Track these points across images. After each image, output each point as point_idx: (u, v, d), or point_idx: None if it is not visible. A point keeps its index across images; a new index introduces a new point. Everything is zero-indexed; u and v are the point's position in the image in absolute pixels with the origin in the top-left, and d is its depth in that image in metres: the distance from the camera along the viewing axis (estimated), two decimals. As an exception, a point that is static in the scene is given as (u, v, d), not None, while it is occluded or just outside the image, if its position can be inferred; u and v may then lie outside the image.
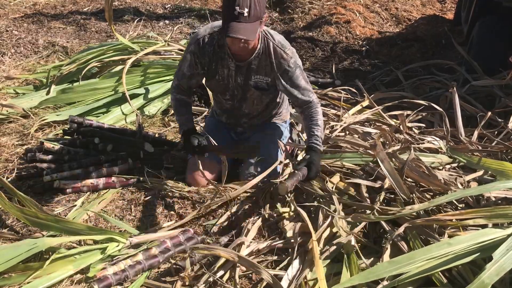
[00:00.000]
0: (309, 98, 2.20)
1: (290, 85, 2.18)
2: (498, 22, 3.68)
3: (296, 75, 2.17)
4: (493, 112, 2.83)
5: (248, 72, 2.19)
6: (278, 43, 2.14)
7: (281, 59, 2.13)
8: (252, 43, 2.03)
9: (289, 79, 2.17)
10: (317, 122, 2.17)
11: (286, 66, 2.14)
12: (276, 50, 2.13)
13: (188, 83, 2.31)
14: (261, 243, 1.83)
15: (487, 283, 1.40)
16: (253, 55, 2.12)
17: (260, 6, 1.89)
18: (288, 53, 2.14)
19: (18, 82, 3.63)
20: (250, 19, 1.86)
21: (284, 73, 2.16)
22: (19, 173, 2.36)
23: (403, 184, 1.90)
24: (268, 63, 2.15)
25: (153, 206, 2.15)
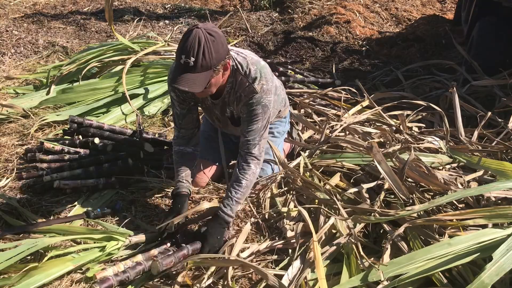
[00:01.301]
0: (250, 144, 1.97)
1: (245, 119, 1.98)
2: (498, 22, 3.68)
3: (255, 112, 1.95)
4: (493, 112, 2.83)
5: (223, 105, 2.08)
6: (248, 76, 1.94)
7: (246, 91, 1.95)
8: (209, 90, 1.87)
9: (246, 112, 1.97)
10: (239, 184, 1.93)
11: (249, 100, 1.95)
12: (242, 83, 1.95)
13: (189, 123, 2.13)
14: (261, 243, 1.83)
15: (487, 283, 1.40)
16: (225, 91, 2.00)
17: (211, 55, 1.73)
18: (255, 88, 1.93)
19: (18, 82, 3.63)
20: (197, 69, 1.72)
21: (244, 105, 1.97)
22: (19, 173, 2.36)
23: (402, 185, 1.90)
24: (237, 96, 2.00)
25: (153, 206, 2.15)
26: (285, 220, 1.93)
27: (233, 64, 1.94)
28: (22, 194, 2.22)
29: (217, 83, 1.88)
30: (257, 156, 1.98)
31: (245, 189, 1.94)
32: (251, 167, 1.97)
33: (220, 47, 1.76)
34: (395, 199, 1.92)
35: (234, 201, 1.91)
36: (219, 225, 1.87)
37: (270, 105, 1.98)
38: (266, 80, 1.96)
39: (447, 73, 3.86)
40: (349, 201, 1.99)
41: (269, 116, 1.99)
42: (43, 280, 1.65)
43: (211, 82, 1.81)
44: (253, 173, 1.97)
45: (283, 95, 2.43)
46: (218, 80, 1.86)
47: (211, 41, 1.72)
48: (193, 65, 1.72)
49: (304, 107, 3.07)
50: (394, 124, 2.76)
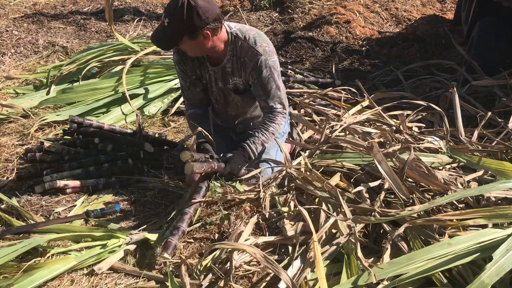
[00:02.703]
0: (272, 104, 2.12)
1: (257, 84, 2.08)
2: (498, 22, 3.68)
3: (264, 75, 2.06)
4: (493, 112, 2.83)
5: (225, 75, 2.14)
6: (248, 40, 2.05)
7: (250, 55, 2.05)
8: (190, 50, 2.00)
9: (256, 77, 2.06)
10: (267, 128, 2.13)
11: (257, 64, 2.04)
12: (243, 47, 2.05)
13: (195, 95, 2.24)
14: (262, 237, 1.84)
15: (487, 283, 1.40)
16: (225, 58, 2.08)
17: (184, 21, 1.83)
18: (258, 50, 2.04)
19: (18, 82, 3.63)
20: (169, 30, 1.87)
21: (253, 70, 2.06)
22: (19, 173, 2.36)
23: (402, 185, 1.90)
24: (241, 63, 2.08)
25: (153, 206, 2.15)
26: (285, 219, 1.93)
27: (230, 32, 2.05)
28: (22, 194, 2.22)
29: (198, 47, 1.97)
30: (281, 111, 2.16)
31: (270, 134, 2.14)
32: (278, 118, 2.16)
33: (196, 17, 1.85)
34: (395, 199, 1.92)
35: (260, 141, 2.11)
36: (242, 156, 2.07)
37: (276, 65, 2.10)
38: (266, 42, 2.08)
39: (447, 73, 3.86)
40: (348, 200, 1.99)
41: (278, 74, 2.11)
42: (45, 277, 1.65)
43: (188, 44, 1.94)
44: (279, 123, 2.16)
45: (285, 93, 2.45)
46: (199, 45, 1.96)
47: (187, 7, 1.82)
48: (167, 26, 1.87)
49: (304, 107, 3.07)
50: (394, 124, 2.76)
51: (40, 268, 1.67)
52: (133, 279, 1.73)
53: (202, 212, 2.06)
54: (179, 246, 1.87)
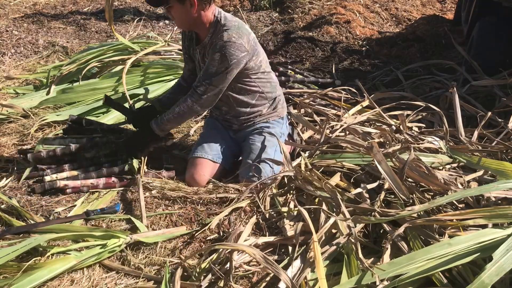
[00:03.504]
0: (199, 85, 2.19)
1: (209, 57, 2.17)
2: (498, 22, 3.68)
3: (214, 57, 2.13)
4: (493, 112, 2.83)
5: (204, 56, 2.27)
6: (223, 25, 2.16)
7: (217, 38, 2.15)
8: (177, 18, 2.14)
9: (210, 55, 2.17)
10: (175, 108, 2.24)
11: (217, 46, 2.14)
12: (218, 32, 2.17)
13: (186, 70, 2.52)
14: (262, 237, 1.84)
15: (487, 283, 1.40)
16: (206, 38, 2.21)
17: None
18: (224, 36, 2.13)
19: (18, 82, 3.63)
20: None
21: (212, 49, 2.16)
22: (19, 173, 2.36)
23: (402, 185, 1.90)
24: (213, 44, 2.18)
25: (153, 206, 2.15)
26: (285, 219, 1.93)
27: (218, 16, 2.18)
28: (22, 194, 2.22)
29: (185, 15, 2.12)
30: (199, 93, 2.20)
31: (176, 115, 2.24)
32: (188, 100, 2.22)
33: None
34: (395, 199, 1.92)
35: (164, 119, 2.26)
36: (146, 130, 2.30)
37: (232, 59, 2.12)
38: (238, 35, 2.13)
39: (447, 73, 3.86)
40: (349, 200, 1.99)
41: (227, 67, 2.13)
42: (45, 277, 1.65)
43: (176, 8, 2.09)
44: (189, 106, 2.22)
45: (279, 92, 2.46)
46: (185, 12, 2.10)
47: None
48: None
49: (304, 107, 3.07)
50: (394, 124, 2.76)
51: (40, 268, 1.67)
52: (133, 279, 1.73)
53: (202, 213, 2.07)
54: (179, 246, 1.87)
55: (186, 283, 1.65)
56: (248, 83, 2.32)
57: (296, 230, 1.80)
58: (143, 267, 1.77)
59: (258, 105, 2.42)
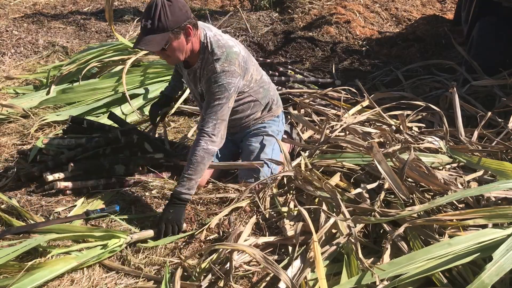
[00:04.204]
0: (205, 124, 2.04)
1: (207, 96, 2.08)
2: (498, 22, 3.68)
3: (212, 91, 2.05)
4: (493, 112, 2.83)
5: (196, 80, 2.20)
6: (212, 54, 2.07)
7: (208, 71, 2.08)
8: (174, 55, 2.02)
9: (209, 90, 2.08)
10: (191, 159, 2.00)
11: (211, 78, 2.06)
12: (208, 60, 2.08)
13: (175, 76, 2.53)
14: (262, 237, 1.84)
15: (487, 283, 1.40)
16: (196, 63, 2.13)
17: (167, 18, 1.89)
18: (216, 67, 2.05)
19: (18, 82, 3.63)
20: (154, 31, 1.91)
21: (207, 82, 2.08)
22: (19, 173, 2.36)
23: (402, 185, 1.90)
24: (204, 72, 2.12)
25: (153, 206, 2.15)
26: (285, 219, 1.93)
27: (204, 41, 2.09)
28: (22, 194, 2.22)
29: (181, 48, 2.02)
30: (210, 133, 2.04)
31: (195, 165, 2.00)
32: (201, 144, 2.02)
33: (178, 11, 1.94)
34: (395, 199, 1.92)
35: (185, 178, 1.99)
36: (173, 204, 1.96)
37: (230, 87, 2.06)
38: (229, 63, 2.07)
39: (447, 73, 3.86)
40: (349, 200, 1.99)
41: (228, 97, 2.07)
42: (46, 277, 1.65)
43: (173, 46, 1.98)
44: (204, 149, 2.02)
45: (272, 92, 2.45)
46: (182, 45, 2.01)
47: (167, 5, 1.91)
48: (150, 27, 1.91)
49: (304, 107, 3.07)
50: (394, 124, 2.76)
51: (40, 268, 1.67)
52: (133, 279, 1.73)
53: (202, 213, 2.07)
54: (179, 246, 1.87)
55: (186, 283, 1.65)
56: (242, 97, 2.30)
57: (296, 230, 1.80)
58: (143, 267, 1.77)
59: (253, 112, 2.42)
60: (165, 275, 1.67)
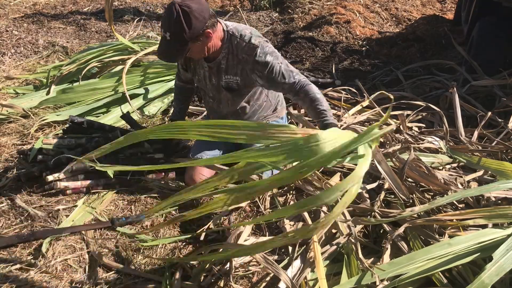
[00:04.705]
0: (293, 80, 2.07)
1: (267, 75, 2.09)
2: (498, 22, 3.68)
3: (268, 63, 2.06)
4: (493, 112, 2.83)
5: (219, 72, 2.19)
6: (242, 37, 2.09)
7: (247, 51, 2.08)
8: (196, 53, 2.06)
9: (262, 69, 2.08)
10: (315, 97, 2.03)
11: (255, 57, 2.07)
12: (239, 45, 2.09)
13: (184, 75, 2.43)
14: (262, 237, 1.84)
15: (487, 283, 1.40)
16: (220, 55, 2.13)
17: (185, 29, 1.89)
18: (254, 43, 2.07)
19: (18, 82, 3.63)
20: (174, 42, 1.94)
21: (256, 64, 2.08)
22: (19, 173, 2.36)
23: (402, 185, 1.90)
24: (236, 61, 2.12)
25: (153, 207, 2.15)
26: (285, 219, 1.93)
27: (227, 30, 2.11)
28: (22, 194, 2.22)
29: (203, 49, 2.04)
30: (301, 79, 2.08)
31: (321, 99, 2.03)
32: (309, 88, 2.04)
33: (195, 20, 1.90)
34: (395, 199, 1.92)
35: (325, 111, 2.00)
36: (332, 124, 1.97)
37: (273, 51, 2.10)
38: (259, 36, 2.12)
39: (447, 73, 3.86)
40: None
41: (279, 58, 2.10)
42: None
43: (194, 50, 2.01)
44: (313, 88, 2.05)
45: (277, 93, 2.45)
46: (202, 47, 2.03)
47: (184, 15, 1.88)
48: (169, 39, 1.93)
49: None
50: (394, 124, 2.76)
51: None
52: (133, 279, 1.73)
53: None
54: (179, 246, 1.87)
55: (186, 283, 1.65)
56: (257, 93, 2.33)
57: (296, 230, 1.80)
58: (143, 267, 1.77)
59: (263, 109, 2.43)
60: (164, 275, 1.67)
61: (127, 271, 1.75)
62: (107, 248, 1.88)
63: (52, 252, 1.83)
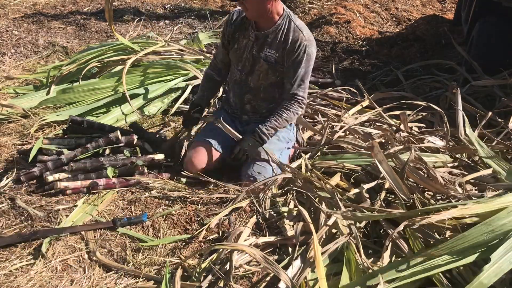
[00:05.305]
0: (296, 91, 2.28)
1: (291, 65, 2.26)
2: (498, 22, 3.68)
3: (300, 59, 2.25)
4: (493, 112, 2.83)
5: (263, 44, 2.32)
6: (298, 25, 2.27)
7: (297, 38, 2.25)
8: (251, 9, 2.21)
9: (293, 59, 2.25)
10: (281, 114, 2.29)
11: (297, 46, 2.24)
12: (295, 30, 2.26)
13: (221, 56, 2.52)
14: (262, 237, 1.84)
15: (485, 284, 1.40)
16: (272, 28, 2.28)
17: None
18: (304, 35, 2.25)
19: (18, 82, 3.62)
20: None
21: (292, 51, 2.25)
22: (19, 173, 2.36)
23: (403, 185, 1.90)
24: (283, 39, 2.27)
25: (153, 206, 2.15)
26: (285, 219, 1.93)
27: (287, 11, 2.30)
28: (22, 194, 2.22)
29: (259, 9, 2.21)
30: (300, 97, 2.30)
31: (283, 121, 2.30)
32: (294, 105, 2.30)
33: None
34: (396, 199, 1.92)
35: (272, 125, 2.29)
36: (253, 138, 2.28)
37: (312, 57, 2.29)
38: (312, 36, 2.31)
39: (447, 73, 3.86)
40: (349, 200, 1.99)
41: (310, 66, 2.29)
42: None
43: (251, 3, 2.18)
44: (295, 111, 2.31)
45: None
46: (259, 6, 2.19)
47: None
48: None
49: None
50: (395, 124, 2.76)
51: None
52: (133, 279, 1.73)
53: (202, 213, 2.07)
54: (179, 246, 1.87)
55: (186, 283, 1.65)
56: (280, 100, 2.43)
57: (296, 230, 1.80)
58: (143, 267, 1.77)
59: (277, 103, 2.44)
60: (165, 275, 1.67)
61: (127, 271, 1.75)
62: (107, 248, 1.88)
63: (52, 252, 1.83)
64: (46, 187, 2.21)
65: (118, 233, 1.96)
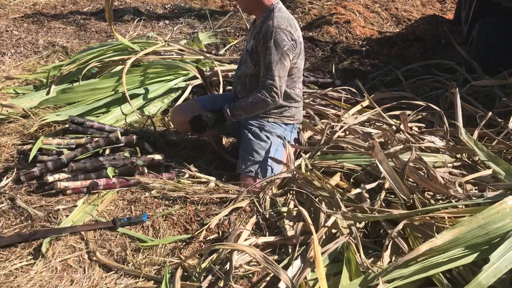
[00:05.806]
0: (264, 78, 2.28)
1: (261, 53, 2.29)
2: (498, 22, 3.68)
3: (267, 46, 2.24)
4: (493, 112, 2.83)
5: (252, 35, 2.42)
6: (277, 16, 2.27)
7: (267, 26, 2.25)
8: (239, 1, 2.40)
9: (262, 46, 2.27)
10: (249, 97, 2.32)
11: (266, 33, 2.24)
12: (270, 18, 2.27)
13: None
14: (262, 237, 1.84)
15: (484, 284, 1.40)
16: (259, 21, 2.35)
17: None
18: (274, 23, 2.23)
19: (18, 82, 3.63)
20: None
21: (262, 38, 2.27)
22: (19, 173, 2.36)
23: (403, 185, 1.89)
24: (261, 29, 2.30)
25: (153, 206, 2.15)
26: (285, 219, 1.93)
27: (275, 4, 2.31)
28: (22, 194, 2.22)
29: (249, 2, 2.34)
30: (269, 84, 2.27)
31: (249, 104, 2.32)
32: (262, 91, 2.29)
33: None
34: (396, 199, 1.92)
35: (238, 107, 2.35)
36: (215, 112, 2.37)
37: (281, 45, 2.23)
38: (287, 24, 2.26)
39: (447, 73, 3.86)
40: (349, 201, 1.99)
41: (282, 55, 2.24)
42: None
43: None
44: (263, 98, 2.30)
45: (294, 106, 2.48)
46: None
47: None
48: None
49: (304, 107, 3.07)
50: (395, 124, 2.76)
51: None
52: (133, 279, 1.73)
53: (202, 213, 2.07)
54: (179, 246, 1.87)
55: (186, 283, 1.65)
56: None
57: (296, 230, 1.80)
58: (143, 267, 1.77)
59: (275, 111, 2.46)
60: (165, 275, 1.67)
61: (127, 271, 1.75)
62: (107, 248, 1.88)
63: (52, 252, 1.83)
64: (46, 187, 2.22)
65: (118, 233, 1.96)
